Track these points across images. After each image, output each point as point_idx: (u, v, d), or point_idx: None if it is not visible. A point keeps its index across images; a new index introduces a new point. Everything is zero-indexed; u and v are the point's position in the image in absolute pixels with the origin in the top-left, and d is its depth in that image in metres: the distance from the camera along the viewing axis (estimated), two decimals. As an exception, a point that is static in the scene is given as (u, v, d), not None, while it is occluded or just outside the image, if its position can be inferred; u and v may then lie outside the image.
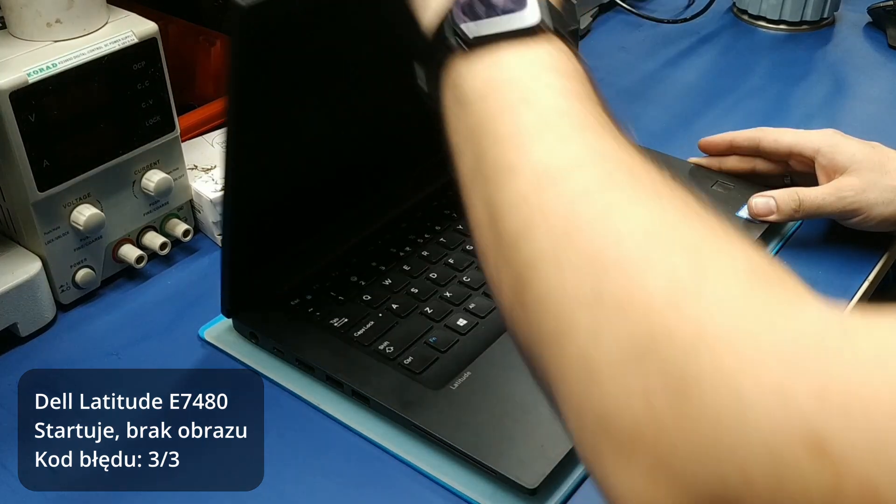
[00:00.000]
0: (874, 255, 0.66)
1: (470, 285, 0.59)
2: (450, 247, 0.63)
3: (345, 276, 0.60)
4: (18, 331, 0.59)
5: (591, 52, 1.00)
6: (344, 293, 0.59)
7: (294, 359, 0.55)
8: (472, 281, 0.59)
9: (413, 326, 0.56)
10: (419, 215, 0.66)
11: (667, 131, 0.84)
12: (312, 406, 0.54)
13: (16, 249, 0.61)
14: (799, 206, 0.63)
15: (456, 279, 0.60)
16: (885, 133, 0.83)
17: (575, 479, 0.49)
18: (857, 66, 0.98)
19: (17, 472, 0.48)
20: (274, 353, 0.56)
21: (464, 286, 0.59)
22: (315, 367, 0.54)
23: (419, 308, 0.58)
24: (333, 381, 0.54)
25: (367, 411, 0.53)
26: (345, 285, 0.60)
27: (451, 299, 0.58)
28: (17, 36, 0.58)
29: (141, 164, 0.63)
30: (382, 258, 0.62)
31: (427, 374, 0.53)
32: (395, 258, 0.62)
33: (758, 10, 1.05)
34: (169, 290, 0.64)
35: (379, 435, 0.52)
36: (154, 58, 0.60)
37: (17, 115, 0.54)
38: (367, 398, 0.52)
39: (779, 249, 0.65)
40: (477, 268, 0.60)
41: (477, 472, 0.48)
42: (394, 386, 0.52)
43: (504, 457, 0.48)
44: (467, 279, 0.60)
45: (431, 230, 0.64)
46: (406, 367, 0.53)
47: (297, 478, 0.50)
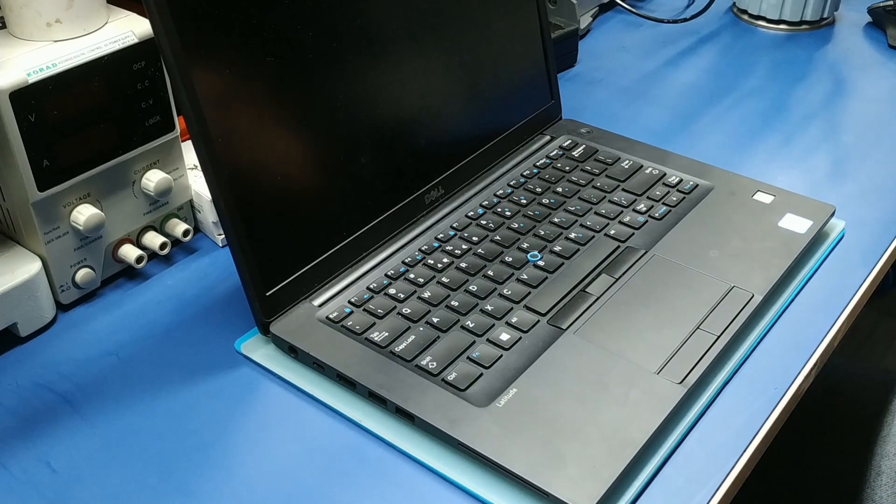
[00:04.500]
0: (874, 255, 0.66)
1: (511, 298, 0.58)
2: (488, 258, 0.62)
3: (382, 289, 0.59)
4: (18, 331, 0.59)
5: (591, 52, 1.00)
6: (382, 306, 0.58)
7: (335, 374, 0.54)
8: (513, 294, 0.59)
9: (455, 341, 0.55)
10: (454, 226, 0.65)
11: (667, 131, 0.84)
12: (354, 423, 0.53)
13: (16, 249, 0.61)
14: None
15: (496, 292, 0.59)
16: (885, 133, 0.83)
17: (628, 499, 0.48)
18: (857, 66, 0.98)
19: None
20: (314, 368, 0.56)
21: (505, 299, 0.58)
22: (358, 382, 0.53)
23: (460, 322, 0.57)
24: (377, 397, 0.52)
25: (411, 429, 0.52)
26: (382, 298, 0.59)
27: (492, 313, 0.57)
28: (17, 36, 0.58)
29: (141, 164, 0.63)
30: (419, 270, 0.61)
31: (472, 391, 0.52)
32: (433, 269, 0.61)
33: (758, 10, 1.05)
34: (169, 290, 0.65)
35: (425, 453, 0.50)
36: (154, 58, 0.60)
37: (17, 115, 0.54)
38: (412, 416, 0.51)
39: (821, 264, 0.65)
40: (518, 280, 0.60)
41: (528, 493, 0.47)
42: (439, 403, 0.51)
43: (556, 477, 0.46)
44: (508, 292, 0.59)
45: (469, 241, 0.64)
46: (450, 383, 0.52)
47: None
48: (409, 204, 0.65)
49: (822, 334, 0.59)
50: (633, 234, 0.64)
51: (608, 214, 0.66)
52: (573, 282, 0.60)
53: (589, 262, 0.62)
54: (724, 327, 0.56)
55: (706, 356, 0.54)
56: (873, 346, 1.72)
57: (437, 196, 0.66)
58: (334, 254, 0.60)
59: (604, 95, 0.91)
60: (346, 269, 0.61)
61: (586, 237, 0.64)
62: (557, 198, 0.68)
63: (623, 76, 0.95)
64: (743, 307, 0.57)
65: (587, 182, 0.69)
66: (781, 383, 0.55)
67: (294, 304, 0.58)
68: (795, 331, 0.59)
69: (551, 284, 0.60)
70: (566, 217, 0.66)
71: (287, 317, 0.57)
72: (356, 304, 0.58)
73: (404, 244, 0.63)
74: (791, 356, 0.57)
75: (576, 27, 0.96)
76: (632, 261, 0.62)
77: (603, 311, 0.57)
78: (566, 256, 0.62)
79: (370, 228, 0.62)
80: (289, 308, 0.58)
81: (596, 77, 0.95)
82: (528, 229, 0.65)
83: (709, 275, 0.60)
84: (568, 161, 0.72)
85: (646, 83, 0.94)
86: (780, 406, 0.54)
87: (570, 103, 0.88)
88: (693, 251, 0.62)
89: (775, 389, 0.55)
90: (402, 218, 0.64)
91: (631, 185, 0.69)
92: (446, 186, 0.67)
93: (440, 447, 0.51)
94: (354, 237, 0.61)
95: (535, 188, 0.68)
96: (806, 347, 0.58)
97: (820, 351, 0.58)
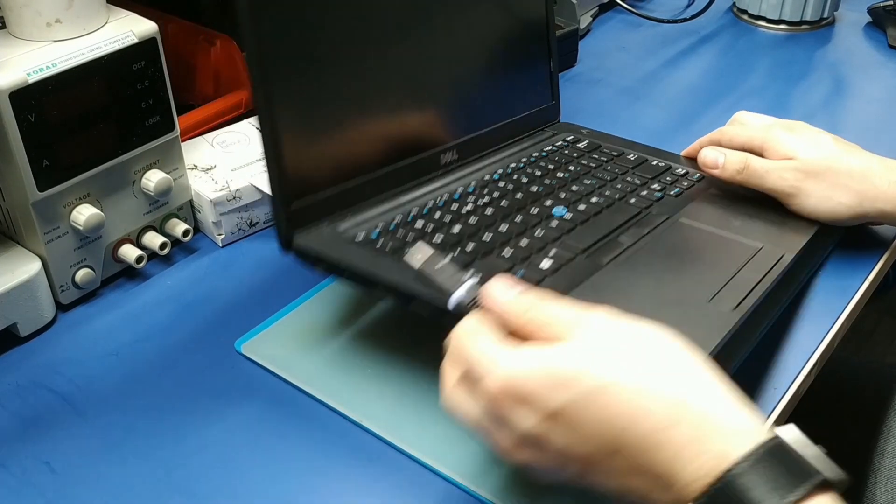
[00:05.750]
0: (874, 255, 0.66)
1: (544, 239, 0.56)
2: (513, 210, 0.60)
3: (409, 222, 0.56)
4: (18, 331, 0.59)
5: (591, 52, 1.00)
6: (411, 235, 0.55)
7: (367, 282, 0.50)
8: (545, 236, 0.56)
9: (494, 265, 0.52)
10: (473, 184, 0.63)
11: (667, 131, 0.84)
12: (355, 423, 0.53)
13: (16, 249, 0.61)
14: (744, 168, 0.63)
15: (527, 233, 0.57)
16: (886, 133, 0.83)
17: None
18: (857, 66, 0.98)
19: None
20: (345, 277, 0.52)
21: (538, 240, 0.56)
22: (394, 286, 0.49)
23: (496, 252, 0.54)
24: (415, 299, 0.48)
25: (411, 429, 0.51)
26: (410, 230, 0.56)
27: (527, 247, 0.55)
28: (17, 36, 0.58)
29: (141, 164, 0.63)
30: (444, 212, 0.58)
31: None
32: (458, 213, 0.59)
33: (758, 9, 1.05)
34: (169, 290, 0.65)
35: (425, 453, 0.50)
36: (154, 58, 0.60)
37: (17, 115, 0.54)
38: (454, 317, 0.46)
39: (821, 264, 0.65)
40: (548, 227, 0.58)
41: (525, 491, 0.47)
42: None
43: None
44: (540, 234, 0.57)
45: (490, 196, 0.61)
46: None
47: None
48: (427, 160, 0.63)
49: (822, 334, 0.59)
50: (652, 204, 0.63)
51: (625, 189, 0.65)
52: (604, 231, 0.58)
53: (617, 217, 0.61)
54: (762, 276, 0.55)
55: (754, 290, 0.53)
56: (873, 345, 1.72)
57: (451, 160, 0.65)
58: (359, 185, 0.58)
59: (604, 95, 0.91)
60: (369, 205, 0.58)
61: (608, 202, 0.63)
62: (571, 173, 0.67)
63: (623, 76, 0.95)
64: (775, 263, 0.57)
65: (598, 165, 0.69)
66: (782, 383, 0.55)
67: (317, 224, 0.55)
68: (796, 331, 0.59)
69: (582, 231, 0.58)
70: (584, 187, 0.65)
71: (310, 233, 0.54)
72: (384, 230, 0.55)
73: (424, 194, 0.61)
74: (791, 356, 0.57)
75: (576, 27, 0.96)
76: (658, 222, 0.61)
77: (640, 254, 0.56)
78: (592, 213, 0.61)
79: (391, 171, 0.60)
80: (312, 228, 0.55)
81: (596, 77, 0.95)
82: (548, 192, 0.63)
83: (737, 237, 0.60)
84: (575, 149, 0.71)
85: (646, 83, 0.94)
86: (780, 406, 0.54)
87: (570, 103, 0.87)
88: (717, 219, 0.62)
89: (775, 389, 0.55)
90: (420, 171, 0.62)
91: (641, 171, 0.69)
92: (460, 152, 0.66)
93: (440, 447, 0.51)
94: (378, 174, 0.59)
95: (548, 165, 0.67)
96: (806, 347, 0.58)
97: (820, 351, 0.58)
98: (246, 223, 0.69)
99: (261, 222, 0.70)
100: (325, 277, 0.53)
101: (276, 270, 0.66)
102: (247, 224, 0.69)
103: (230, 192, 0.67)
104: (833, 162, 0.62)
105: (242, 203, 0.68)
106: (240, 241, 0.69)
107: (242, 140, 0.73)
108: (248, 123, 0.76)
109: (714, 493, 0.35)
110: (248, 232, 0.70)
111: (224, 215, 0.68)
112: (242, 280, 0.65)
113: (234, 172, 0.69)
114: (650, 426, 0.37)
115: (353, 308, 0.61)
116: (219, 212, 0.67)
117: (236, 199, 0.68)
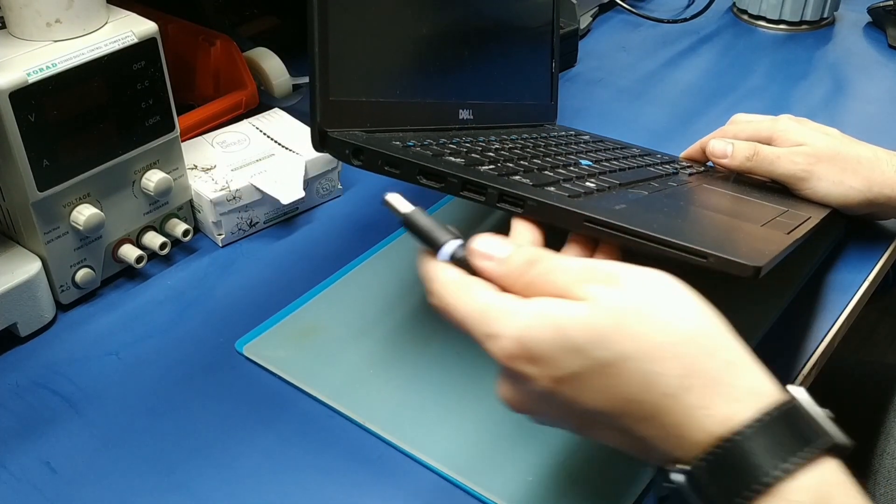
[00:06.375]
0: (874, 255, 0.66)
1: (579, 173, 0.55)
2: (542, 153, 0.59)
3: (442, 144, 0.54)
4: (18, 331, 0.59)
5: (591, 52, 1.00)
6: (448, 148, 0.53)
7: (418, 171, 0.47)
8: (578, 171, 0.55)
9: (541, 176, 0.50)
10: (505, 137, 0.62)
11: (667, 131, 0.84)
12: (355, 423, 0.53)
13: (16, 249, 0.61)
14: (754, 154, 0.64)
15: (563, 165, 0.56)
16: (886, 133, 0.83)
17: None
18: (857, 66, 0.98)
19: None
20: (391, 167, 0.48)
21: (575, 169, 0.55)
22: (449, 173, 0.46)
23: (539, 167, 0.52)
24: (473, 187, 0.46)
25: (411, 429, 0.51)
26: (444, 145, 0.54)
27: (567, 173, 0.53)
28: (17, 36, 0.58)
29: (141, 164, 0.63)
30: (474, 145, 0.56)
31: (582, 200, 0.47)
32: (488, 148, 0.57)
33: (758, 9, 1.05)
34: (169, 290, 0.65)
35: (426, 453, 0.50)
36: (154, 58, 0.60)
37: (17, 115, 0.54)
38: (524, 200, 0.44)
39: (821, 263, 0.65)
40: (578, 167, 0.56)
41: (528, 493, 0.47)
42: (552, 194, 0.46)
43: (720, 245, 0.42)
44: (574, 169, 0.55)
45: (515, 143, 0.60)
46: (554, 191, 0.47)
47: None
48: (448, 107, 0.62)
49: (822, 334, 0.59)
50: (670, 174, 0.63)
51: (640, 163, 0.65)
52: (636, 177, 0.57)
53: (643, 173, 0.60)
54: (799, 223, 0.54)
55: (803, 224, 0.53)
56: (873, 345, 1.72)
57: (467, 118, 0.64)
58: (391, 104, 0.57)
59: (604, 95, 0.91)
60: (401, 127, 0.56)
61: (629, 165, 0.62)
62: (585, 147, 0.66)
63: (623, 76, 0.95)
64: (803, 222, 0.56)
65: (605, 150, 0.69)
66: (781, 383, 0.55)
67: (351, 127, 0.53)
68: (796, 331, 0.59)
69: (612, 175, 0.57)
70: (603, 155, 0.64)
71: (345, 133, 0.52)
72: (418, 142, 0.53)
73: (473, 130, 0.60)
74: (791, 356, 0.57)
75: (576, 27, 0.96)
76: (682, 181, 0.60)
77: (672, 198, 0.55)
78: (617, 169, 0.60)
79: (420, 104, 0.59)
80: (346, 129, 0.53)
81: (596, 77, 0.95)
82: (569, 152, 0.62)
83: (761, 202, 0.59)
84: (581, 139, 0.71)
85: (646, 83, 0.94)
86: (780, 406, 0.54)
87: (570, 103, 0.88)
88: (737, 190, 0.62)
89: (775, 389, 0.55)
90: (442, 117, 0.61)
91: (649, 160, 0.69)
92: (475, 114, 0.65)
93: (441, 448, 0.51)
94: (408, 102, 0.58)
95: (559, 143, 0.66)
96: (806, 347, 0.58)
97: (820, 351, 0.58)
98: (246, 223, 0.69)
99: (261, 222, 0.70)
100: (364, 168, 0.50)
101: (277, 270, 0.66)
102: (247, 224, 0.69)
103: (230, 192, 0.67)
104: (842, 149, 0.63)
105: (242, 203, 0.68)
106: (240, 241, 0.69)
107: (242, 140, 0.73)
108: (248, 123, 0.76)
109: (715, 455, 0.35)
110: (248, 232, 0.70)
111: (224, 215, 0.68)
112: (242, 280, 0.65)
113: (234, 172, 0.69)
114: (660, 393, 0.37)
115: (354, 309, 0.61)
116: (219, 212, 0.67)
117: (236, 199, 0.68)
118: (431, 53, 0.61)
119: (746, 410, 0.36)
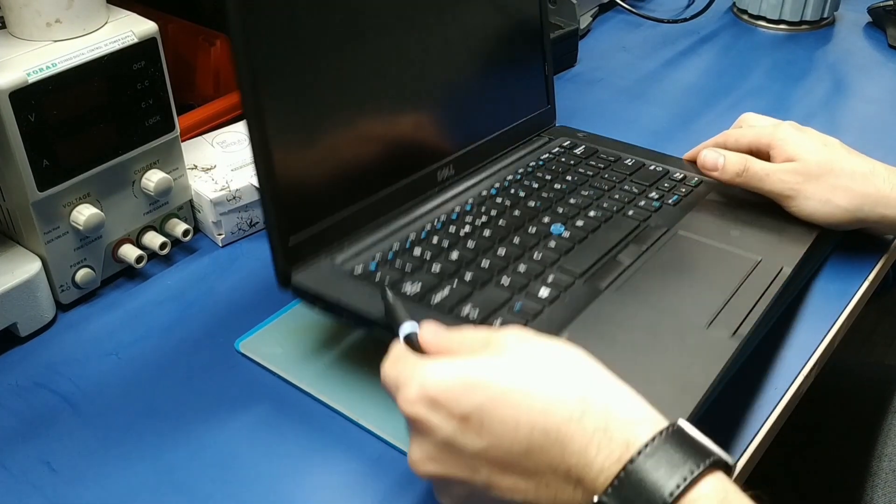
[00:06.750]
0: (874, 256, 0.66)
1: (542, 262, 0.56)
2: (511, 229, 0.60)
3: (406, 250, 0.57)
4: (18, 331, 0.59)
5: (591, 52, 1.00)
6: (410, 264, 0.55)
7: (368, 324, 0.50)
8: (543, 258, 0.57)
9: (493, 296, 0.53)
10: (471, 201, 0.63)
11: (667, 131, 0.84)
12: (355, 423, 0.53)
13: (16, 249, 0.61)
14: (744, 170, 0.64)
15: (526, 256, 0.57)
16: (886, 133, 0.83)
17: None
18: (857, 66, 0.98)
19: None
20: (343, 318, 0.52)
21: (536, 263, 0.56)
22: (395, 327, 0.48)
23: (495, 280, 0.54)
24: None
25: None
26: (409, 258, 0.56)
27: (526, 273, 0.55)
28: (17, 36, 0.58)
29: (141, 164, 0.63)
30: (442, 236, 0.59)
31: None
32: (456, 236, 0.59)
33: (758, 9, 1.06)
34: (169, 290, 0.65)
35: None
36: (154, 58, 0.60)
37: (17, 115, 0.54)
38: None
39: (821, 264, 0.65)
40: (546, 248, 0.58)
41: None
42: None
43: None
44: (538, 256, 0.57)
45: (488, 214, 0.62)
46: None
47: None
48: (423, 178, 0.63)
49: (822, 334, 0.59)
50: (650, 215, 0.63)
51: (622, 199, 0.65)
52: (603, 250, 0.59)
53: (614, 234, 0.61)
54: (760, 294, 0.55)
55: (753, 312, 0.53)
56: (873, 346, 1.72)
57: (448, 175, 0.65)
58: (356, 212, 0.58)
59: (604, 95, 0.91)
60: (366, 232, 0.58)
61: (606, 216, 0.63)
62: (569, 184, 0.67)
63: (623, 76, 0.95)
64: (774, 279, 0.56)
65: (595, 173, 0.69)
66: (782, 384, 0.55)
67: (315, 258, 0.55)
68: (796, 331, 0.59)
69: (580, 252, 0.58)
70: (581, 199, 0.65)
71: (308, 270, 0.55)
72: (382, 261, 0.55)
73: (421, 215, 0.61)
74: (791, 356, 0.57)
75: (576, 27, 0.96)
76: (656, 236, 0.61)
77: (638, 275, 0.56)
78: (590, 230, 0.61)
79: (388, 195, 0.60)
80: (310, 262, 0.55)
81: (596, 77, 0.95)
82: (545, 207, 0.63)
83: (735, 250, 0.60)
84: (572, 156, 0.71)
85: (646, 83, 0.94)
86: (780, 406, 0.54)
87: (570, 104, 0.88)
88: (715, 230, 0.62)
89: (775, 390, 0.55)
90: (417, 190, 0.62)
91: (638, 178, 0.69)
92: (457, 167, 0.66)
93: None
94: (374, 199, 0.59)
95: (545, 176, 0.67)
96: (806, 347, 0.58)
97: (820, 351, 0.58)
98: (246, 223, 0.69)
99: (261, 222, 0.70)
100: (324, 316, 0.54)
101: (276, 270, 0.66)
102: (247, 224, 0.69)
103: (230, 192, 0.67)
104: (837, 162, 0.62)
105: (242, 203, 0.68)
106: (240, 241, 0.69)
107: (242, 140, 0.73)
108: (248, 123, 0.76)
109: (620, 481, 0.37)
110: (248, 232, 0.70)
111: (224, 215, 0.68)
112: (242, 280, 0.65)
113: (234, 172, 0.69)
114: (560, 419, 0.39)
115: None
116: (219, 212, 0.67)
117: (236, 199, 0.68)
118: (397, 129, 0.61)
119: (643, 434, 0.38)
